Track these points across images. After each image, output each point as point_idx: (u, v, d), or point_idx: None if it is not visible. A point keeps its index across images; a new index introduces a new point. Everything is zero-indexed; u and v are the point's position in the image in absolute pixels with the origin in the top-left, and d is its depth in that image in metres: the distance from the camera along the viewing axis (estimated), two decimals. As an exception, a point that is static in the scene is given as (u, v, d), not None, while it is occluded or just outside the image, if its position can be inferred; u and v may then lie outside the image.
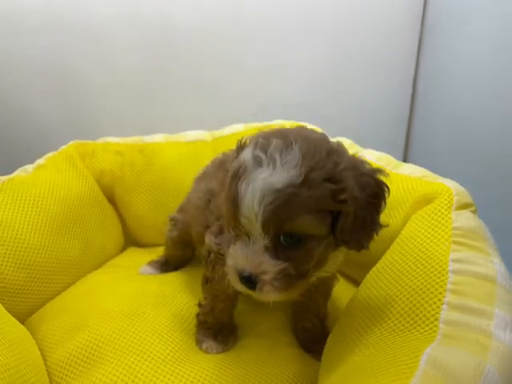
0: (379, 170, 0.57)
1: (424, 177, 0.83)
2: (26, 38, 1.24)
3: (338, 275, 0.92)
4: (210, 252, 0.69)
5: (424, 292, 0.58)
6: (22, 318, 0.79)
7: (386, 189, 0.56)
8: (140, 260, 1.02)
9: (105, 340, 0.70)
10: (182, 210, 0.97)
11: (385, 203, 0.57)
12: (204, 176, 0.87)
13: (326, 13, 1.29)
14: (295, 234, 0.50)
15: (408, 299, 0.59)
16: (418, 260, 0.64)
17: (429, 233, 0.68)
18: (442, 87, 1.31)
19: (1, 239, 0.80)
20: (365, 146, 0.99)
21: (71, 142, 1.05)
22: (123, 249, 1.12)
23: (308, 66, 1.33)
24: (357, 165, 0.55)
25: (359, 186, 0.52)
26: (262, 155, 0.49)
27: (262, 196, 0.47)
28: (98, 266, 1.00)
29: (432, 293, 0.57)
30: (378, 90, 1.40)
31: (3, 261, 0.79)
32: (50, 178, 0.93)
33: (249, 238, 0.51)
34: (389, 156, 0.93)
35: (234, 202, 0.50)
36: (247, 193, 0.48)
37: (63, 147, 1.03)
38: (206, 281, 0.72)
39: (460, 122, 1.26)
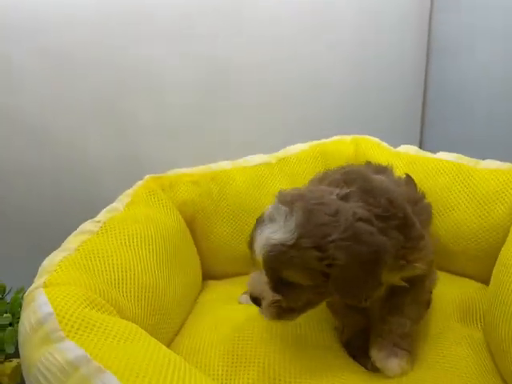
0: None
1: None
2: (77, 76, 1.18)
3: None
4: None
5: None
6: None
7: (384, 253, 0.61)
8: (229, 292, 0.99)
9: (280, 366, 0.68)
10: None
11: (382, 267, 0.61)
12: None
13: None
14: (286, 280, 0.63)
15: None
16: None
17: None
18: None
19: (124, 284, 0.74)
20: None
21: (147, 177, 0.99)
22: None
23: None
24: (357, 233, 0.60)
25: (350, 255, 0.59)
26: (275, 215, 0.63)
27: (262, 245, 0.62)
28: (195, 302, 0.95)
29: None
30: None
31: (133, 305, 0.72)
32: (146, 214, 0.88)
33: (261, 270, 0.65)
34: (464, 156, 1.01)
35: (252, 243, 0.65)
36: (256, 240, 0.64)
37: (140, 182, 0.97)
38: None
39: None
